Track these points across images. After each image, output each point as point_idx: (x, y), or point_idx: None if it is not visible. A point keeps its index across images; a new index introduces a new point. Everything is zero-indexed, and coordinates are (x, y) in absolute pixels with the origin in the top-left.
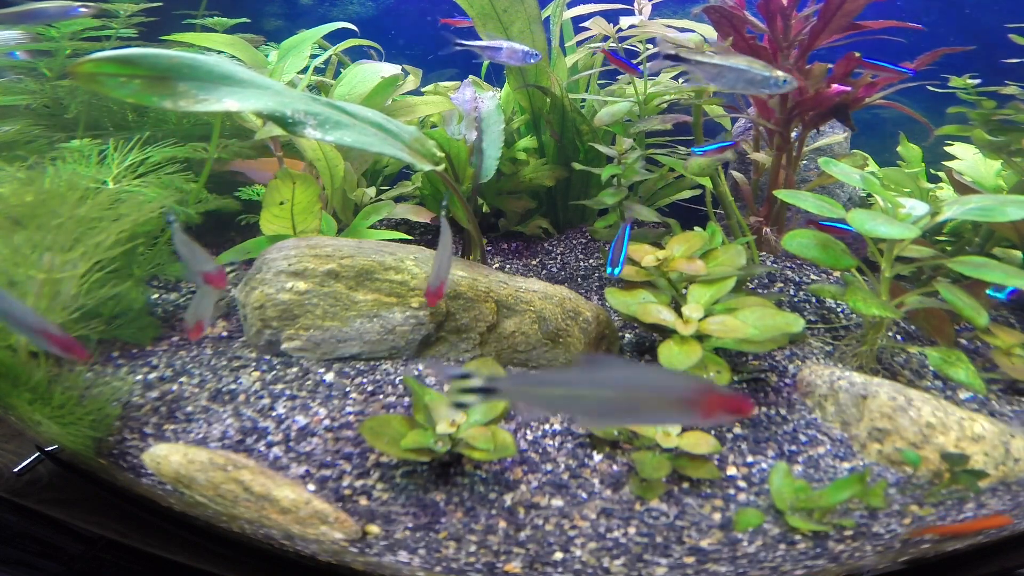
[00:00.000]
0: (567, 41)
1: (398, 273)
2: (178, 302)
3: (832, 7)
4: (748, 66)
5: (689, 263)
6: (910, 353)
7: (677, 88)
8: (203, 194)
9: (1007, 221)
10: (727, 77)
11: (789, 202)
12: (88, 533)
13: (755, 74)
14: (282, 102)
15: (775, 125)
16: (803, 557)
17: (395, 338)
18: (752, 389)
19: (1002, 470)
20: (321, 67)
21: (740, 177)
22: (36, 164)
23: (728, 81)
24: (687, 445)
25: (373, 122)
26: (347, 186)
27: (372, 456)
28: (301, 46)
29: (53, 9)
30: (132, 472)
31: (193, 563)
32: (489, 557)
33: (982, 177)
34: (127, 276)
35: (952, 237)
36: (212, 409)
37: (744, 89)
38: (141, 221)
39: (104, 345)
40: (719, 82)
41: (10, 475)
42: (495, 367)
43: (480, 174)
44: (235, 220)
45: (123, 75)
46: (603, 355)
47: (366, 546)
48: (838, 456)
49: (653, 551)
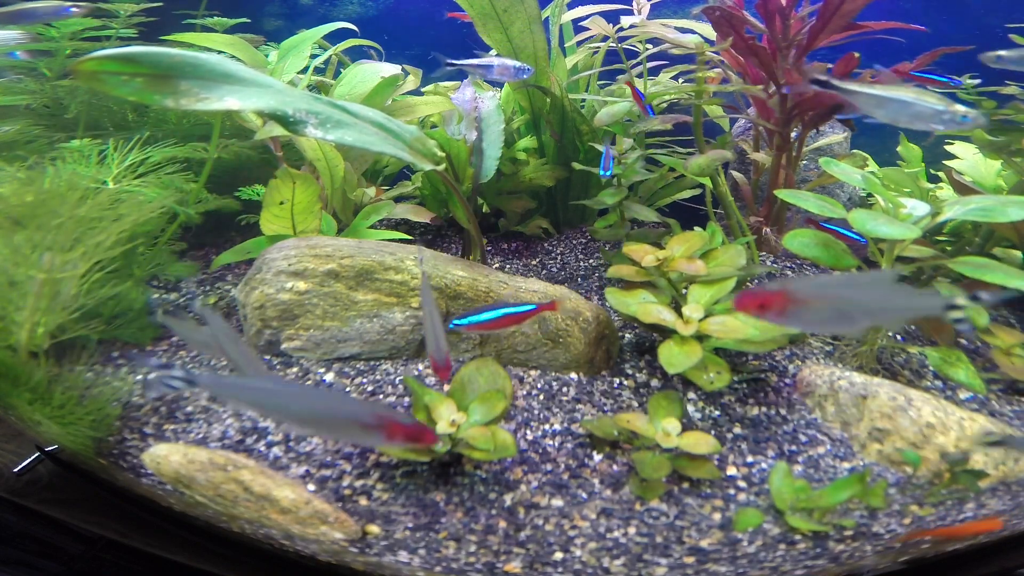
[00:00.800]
0: (567, 41)
1: (398, 273)
2: (178, 302)
3: (831, 7)
4: (915, 98)
5: (689, 263)
6: (910, 353)
7: (677, 88)
8: (203, 194)
9: (1007, 221)
10: (890, 109)
11: (789, 202)
12: (88, 533)
13: (924, 107)
14: (283, 101)
15: (775, 125)
16: (803, 557)
17: (395, 338)
18: (752, 389)
19: (1002, 470)
20: (321, 67)
21: (740, 177)
22: (36, 164)
23: (890, 114)
24: (687, 445)
25: (374, 121)
26: (347, 186)
27: (372, 456)
28: (301, 46)
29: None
30: (132, 472)
31: (193, 563)
32: (489, 557)
33: (982, 177)
34: (127, 276)
35: (952, 237)
36: (212, 409)
37: (910, 123)
38: (141, 221)
39: (104, 345)
40: (879, 114)
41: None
42: (495, 367)
43: (480, 174)
44: (235, 220)
45: (125, 73)
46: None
47: (366, 546)
48: (838, 456)
49: (653, 551)
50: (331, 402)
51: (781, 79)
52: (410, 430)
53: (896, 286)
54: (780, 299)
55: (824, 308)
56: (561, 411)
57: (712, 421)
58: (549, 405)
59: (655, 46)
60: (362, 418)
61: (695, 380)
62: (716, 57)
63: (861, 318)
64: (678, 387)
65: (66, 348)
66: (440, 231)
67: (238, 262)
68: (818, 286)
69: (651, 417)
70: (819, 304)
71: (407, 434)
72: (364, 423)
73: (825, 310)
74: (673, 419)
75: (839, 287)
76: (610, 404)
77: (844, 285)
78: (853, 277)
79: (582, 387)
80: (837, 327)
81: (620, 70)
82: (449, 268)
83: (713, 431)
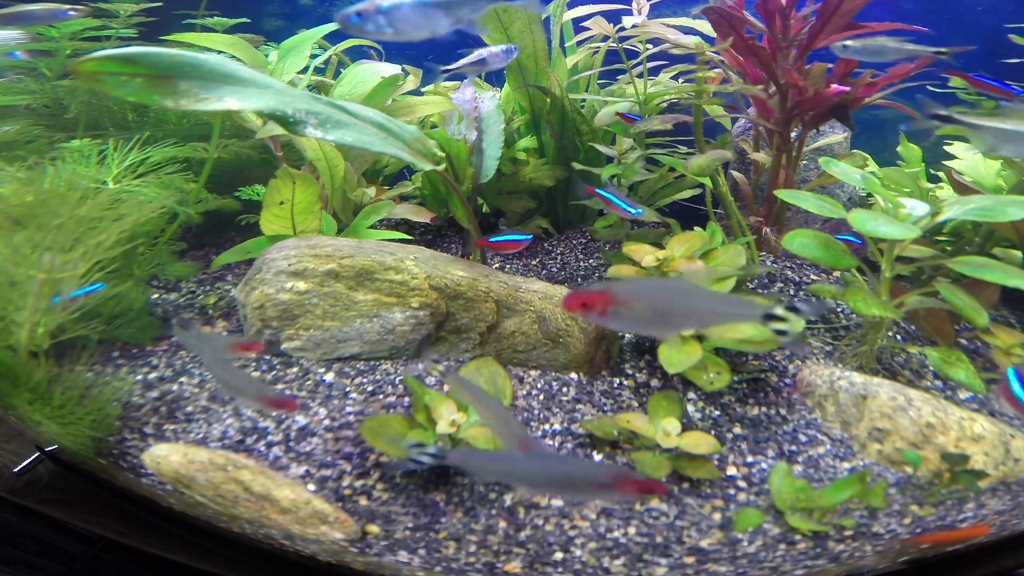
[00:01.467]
0: (567, 41)
1: (398, 273)
2: (178, 302)
3: (831, 7)
4: None
5: (689, 263)
6: (910, 353)
7: (677, 88)
8: (203, 194)
9: (1007, 221)
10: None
11: (789, 202)
12: (88, 533)
13: None
14: (283, 101)
15: (775, 125)
16: (803, 557)
17: (395, 338)
18: (752, 389)
19: (1002, 470)
20: (321, 67)
21: (740, 177)
22: (36, 164)
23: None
24: (687, 445)
25: (374, 122)
26: (347, 186)
27: (372, 456)
28: (301, 46)
29: (43, 11)
30: (132, 472)
31: (193, 563)
32: (489, 557)
33: (982, 177)
34: (127, 276)
35: (952, 237)
36: (212, 409)
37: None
38: (141, 221)
39: (104, 345)
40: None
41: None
42: (495, 367)
43: (480, 174)
44: (235, 220)
45: (125, 74)
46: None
47: (366, 546)
48: (838, 456)
49: (653, 551)
50: (570, 468)
51: (781, 79)
52: (644, 485)
53: (714, 293)
54: (602, 299)
55: (644, 310)
56: (561, 411)
57: (712, 421)
58: (549, 405)
59: (655, 46)
60: (599, 478)
61: (695, 380)
62: (716, 57)
63: (679, 322)
64: (678, 387)
65: (66, 348)
66: (440, 231)
67: (238, 262)
68: (639, 288)
69: (651, 417)
70: (639, 305)
71: (641, 488)
72: (600, 482)
73: (645, 312)
74: (673, 419)
75: (660, 290)
76: (610, 404)
77: (664, 289)
78: (673, 281)
79: (582, 387)
80: (655, 329)
81: (620, 70)
82: (449, 268)
83: (713, 431)
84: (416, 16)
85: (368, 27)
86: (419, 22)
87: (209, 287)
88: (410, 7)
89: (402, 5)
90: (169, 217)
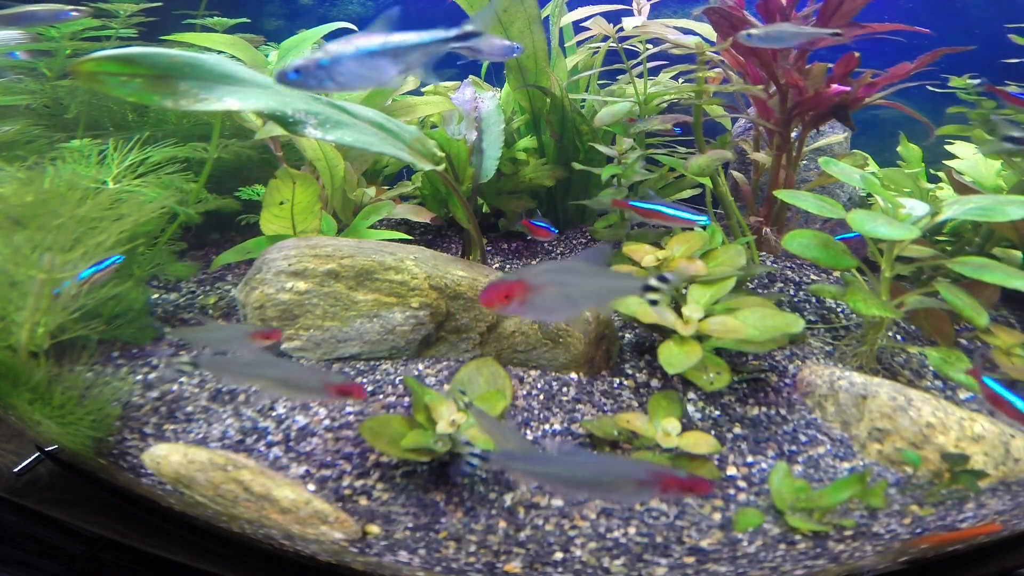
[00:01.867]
0: (567, 41)
1: (398, 273)
2: (178, 302)
3: (831, 7)
4: None
5: (689, 263)
6: (910, 353)
7: (677, 88)
8: (203, 194)
9: (1007, 221)
10: None
11: (789, 202)
12: (88, 533)
13: None
14: (283, 101)
15: (775, 125)
16: (803, 557)
17: (395, 338)
18: (752, 389)
19: (1002, 470)
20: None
21: (740, 177)
22: (36, 164)
23: None
24: (687, 445)
25: (374, 122)
26: (347, 186)
27: (372, 456)
28: (301, 46)
29: (45, 12)
30: (132, 472)
31: (193, 563)
32: (489, 557)
33: (982, 177)
34: (127, 276)
35: (952, 237)
36: (212, 409)
37: None
38: (141, 221)
39: (104, 345)
40: None
41: (10, 475)
42: (495, 367)
43: (480, 174)
44: (235, 220)
45: (124, 74)
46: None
47: (366, 546)
48: (838, 456)
49: (653, 551)
50: (605, 466)
51: (782, 79)
52: (686, 482)
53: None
54: (520, 288)
55: (556, 294)
56: (561, 411)
57: (712, 421)
58: (549, 405)
59: (655, 46)
60: (638, 476)
61: (695, 380)
62: (716, 57)
63: (582, 301)
64: (678, 387)
65: (66, 348)
66: (440, 231)
67: (238, 262)
68: (549, 273)
69: (651, 417)
70: (552, 291)
71: (682, 486)
72: (640, 480)
73: (557, 296)
74: (673, 419)
75: (564, 273)
76: (610, 404)
77: (569, 272)
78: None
79: (582, 387)
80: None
81: (620, 70)
82: (449, 268)
83: (713, 431)
84: (359, 67)
85: (309, 83)
86: (363, 73)
87: (209, 287)
88: (352, 59)
89: (342, 57)
90: (169, 217)
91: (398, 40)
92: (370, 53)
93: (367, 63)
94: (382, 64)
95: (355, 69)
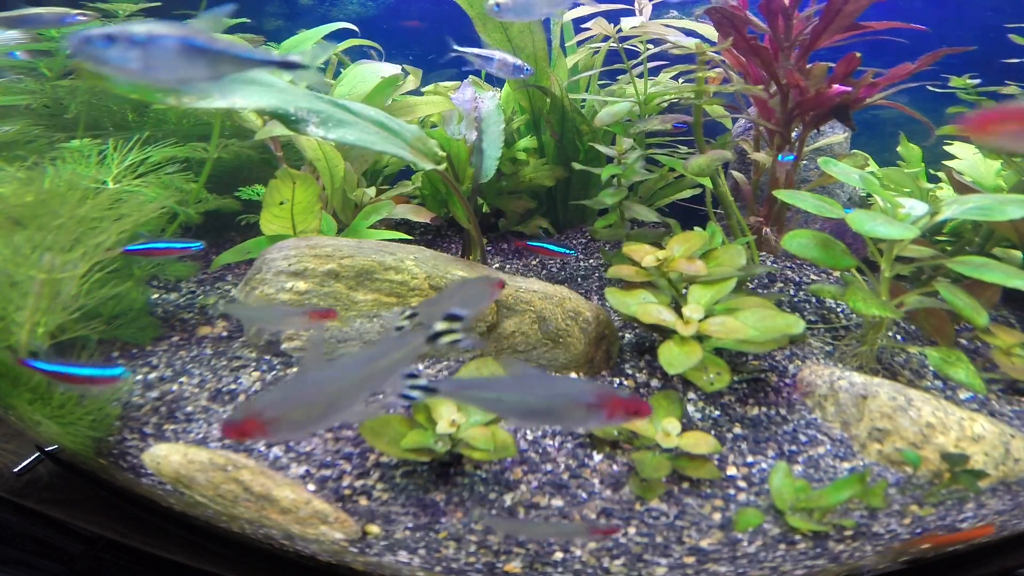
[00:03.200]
0: (567, 41)
1: (398, 273)
2: (178, 302)
3: (835, 7)
4: None
5: (689, 263)
6: (910, 353)
7: (677, 88)
8: (203, 194)
9: (1007, 221)
10: None
11: (789, 202)
12: (88, 533)
13: None
14: (286, 100)
15: (775, 125)
16: (803, 557)
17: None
18: (752, 389)
19: (1002, 470)
20: (321, 67)
21: (740, 177)
22: (36, 164)
23: None
24: (687, 445)
25: (375, 121)
26: (347, 186)
27: (372, 456)
28: (301, 46)
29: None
30: (132, 472)
31: (193, 563)
32: (489, 557)
33: (982, 177)
34: (127, 276)
35: (952, 237)
36: (212, 409)
37: None
38: (141, 221)
39: (104, 345)
40: None
41: (10, 475)
42: (495, 367)
43: (480, 174)
44: (235, 220)
45: None
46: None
47: (366, 546)
48: (838, 456)
49: (653, 551)
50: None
51: (783, 79)
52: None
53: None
54: (255, 423)
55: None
56: None
57: (712, 421)
58: None
59: (656, 46)
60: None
61: (695, 380)
62: (717, 57)
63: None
64: (678, 387)
65: (66, 348)
66: (440, 231)
67: (238, 262)
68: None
69: (651, 417)
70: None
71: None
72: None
73: (304, 414)
74: (673, 419)
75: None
76: None
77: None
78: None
79: None
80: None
81: (621, 70)
82: (449, 268)
83: (713, 431)
84: (175, 58)
85: (111, 56)
86: (176, 65)
87: (209, 287)
88: (175, 44)
89: (164, 40)
90: (169, 217)
91: (223, 46)
92: (194, 45)
93: (186, 56)
94: (198, 63)
95: (170, 58)
